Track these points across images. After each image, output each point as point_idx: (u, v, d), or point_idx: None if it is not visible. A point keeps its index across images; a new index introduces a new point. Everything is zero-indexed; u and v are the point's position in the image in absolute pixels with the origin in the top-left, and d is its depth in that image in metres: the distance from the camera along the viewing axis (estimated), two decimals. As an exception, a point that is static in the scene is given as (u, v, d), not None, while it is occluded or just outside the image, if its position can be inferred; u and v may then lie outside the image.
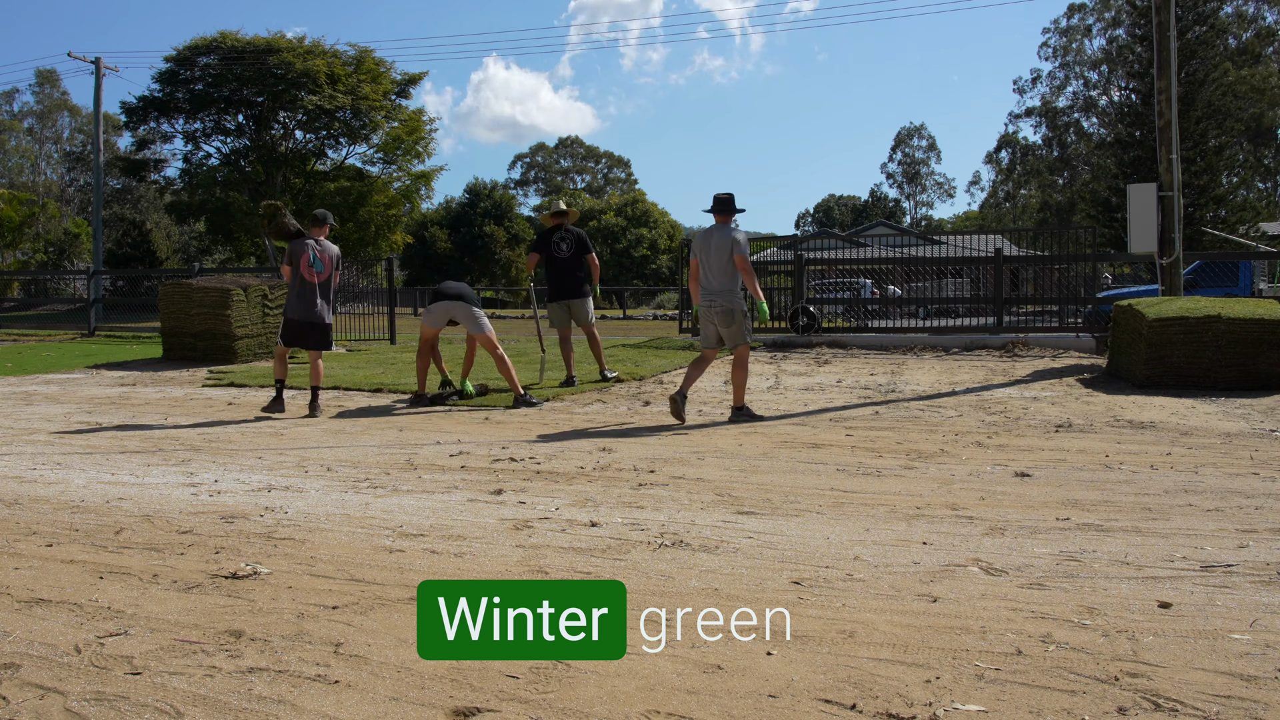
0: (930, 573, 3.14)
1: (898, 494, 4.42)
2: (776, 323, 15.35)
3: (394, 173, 36.82)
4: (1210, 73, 30.71)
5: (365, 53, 34.56)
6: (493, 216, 65.41)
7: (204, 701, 2.20)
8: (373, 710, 2.15)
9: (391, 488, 4.69)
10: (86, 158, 55.81)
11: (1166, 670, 2.30)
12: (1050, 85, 56.19)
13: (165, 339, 12.88)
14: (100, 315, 20.22)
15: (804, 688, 2.23)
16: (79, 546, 3.61)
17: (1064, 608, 2.76)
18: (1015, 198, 62.62)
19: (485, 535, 3.72)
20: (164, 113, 34.26)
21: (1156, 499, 4.22)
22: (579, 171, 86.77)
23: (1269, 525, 3.70)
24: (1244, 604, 2.77)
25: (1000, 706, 2.11)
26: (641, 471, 5.02)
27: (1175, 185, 10.10)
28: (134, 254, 45.58)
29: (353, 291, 18.19)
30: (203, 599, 2.96)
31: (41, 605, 2.92)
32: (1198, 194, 30.42)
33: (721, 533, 3.70)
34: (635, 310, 42.61)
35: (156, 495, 4.55)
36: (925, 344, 12.75)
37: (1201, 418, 6.80)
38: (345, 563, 3.35)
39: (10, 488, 4.76)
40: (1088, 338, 12.00)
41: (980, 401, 7.81)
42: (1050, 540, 3.53)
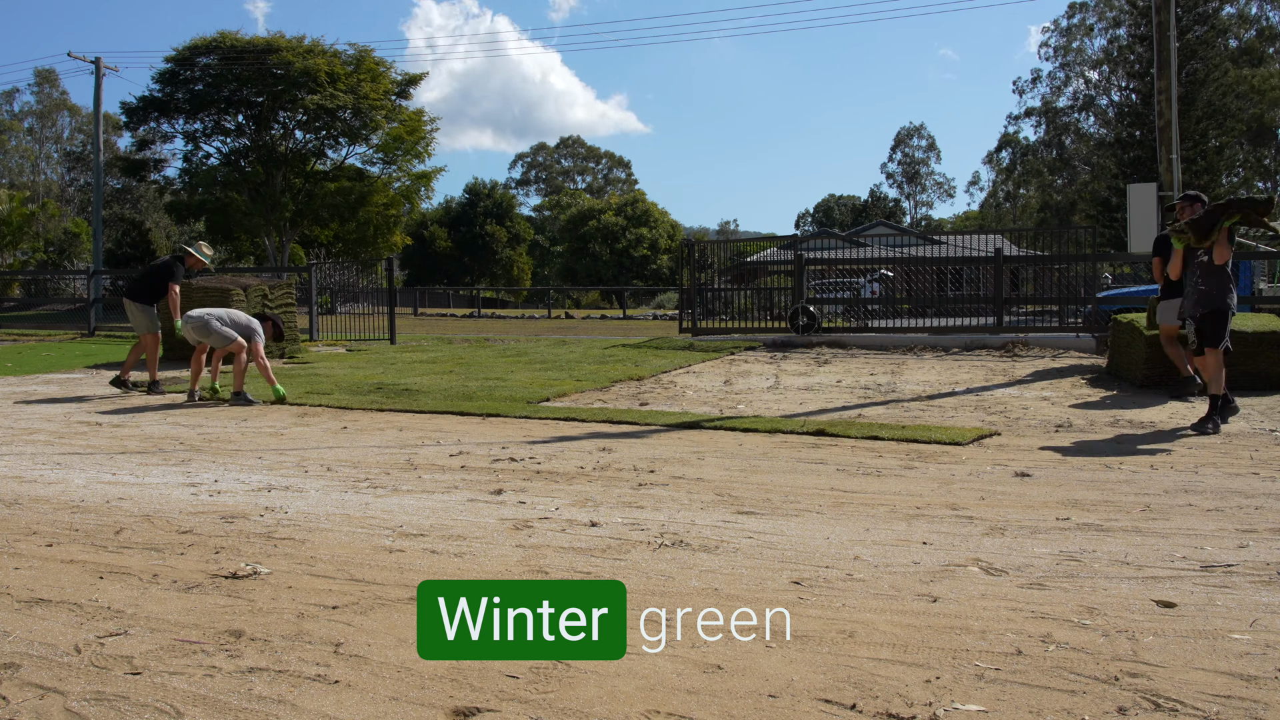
0: (930, 573, 3.14)
1: (898, 494, 4.41)
2: (776, 322, 15.35)
3: (394, 173, 36.81)
4: (1211, 73, 30.71)
5: (365, 52, 34.56)
6: (493, 216, 65.42)
7: (204, 701, 2.20)
8: (373, 710, 2.15)
9: (391, 488, 4.69)
10: (86, 158, 55.81)
11: (1166, 670, 2.30)
12: (1050, 85, 56.20)
13: (165, 338, 12.86)
14: (100, 315, 20.20)
15: (804, 688, 2.23)
16: (79, 546, 3.61)
17: (1064, 608, 2.76)
18: (1015, 198, 62.63)
19: (485, 535, 3.72)
20: (164, 113, 34.23)
21: (1156, 499, 4.22)
22: (579, 171, 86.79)
23: (1269, 525, 3.70)
24: (1244, 604, 2.77)
25: (1000, 706, 2.11)
26: (641, 471, 5.02)
27: (1175, 185, 10.11)
28: (134, 254, 45.61)
29: (352, 291, 18.20)
30: (203, 599, 2.96)
31: (41, 605, 2.91)
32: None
33: (721, 533, 3.70)
34: (635, 310, 42.62)
35: (156, 495, 4.55)
36: (925, 344, 12.75)
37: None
38: (345, 563, 3.35)
39: (10, 488, 4.76)
40: (1088, 338, 12.00)
41: (980, 401, 7.81)
42: (1050, 540, 3.53)
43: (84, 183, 56.44)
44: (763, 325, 15.46)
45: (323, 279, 18.24)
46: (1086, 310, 13.36)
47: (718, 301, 17.14)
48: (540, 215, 77.98)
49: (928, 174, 77.00)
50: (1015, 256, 18.06)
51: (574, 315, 37.95)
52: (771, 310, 15.95)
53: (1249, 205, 6.05)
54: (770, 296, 16.44)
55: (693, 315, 15.48)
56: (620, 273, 58.81)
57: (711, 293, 17.17)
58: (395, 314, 16.60)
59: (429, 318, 33.82)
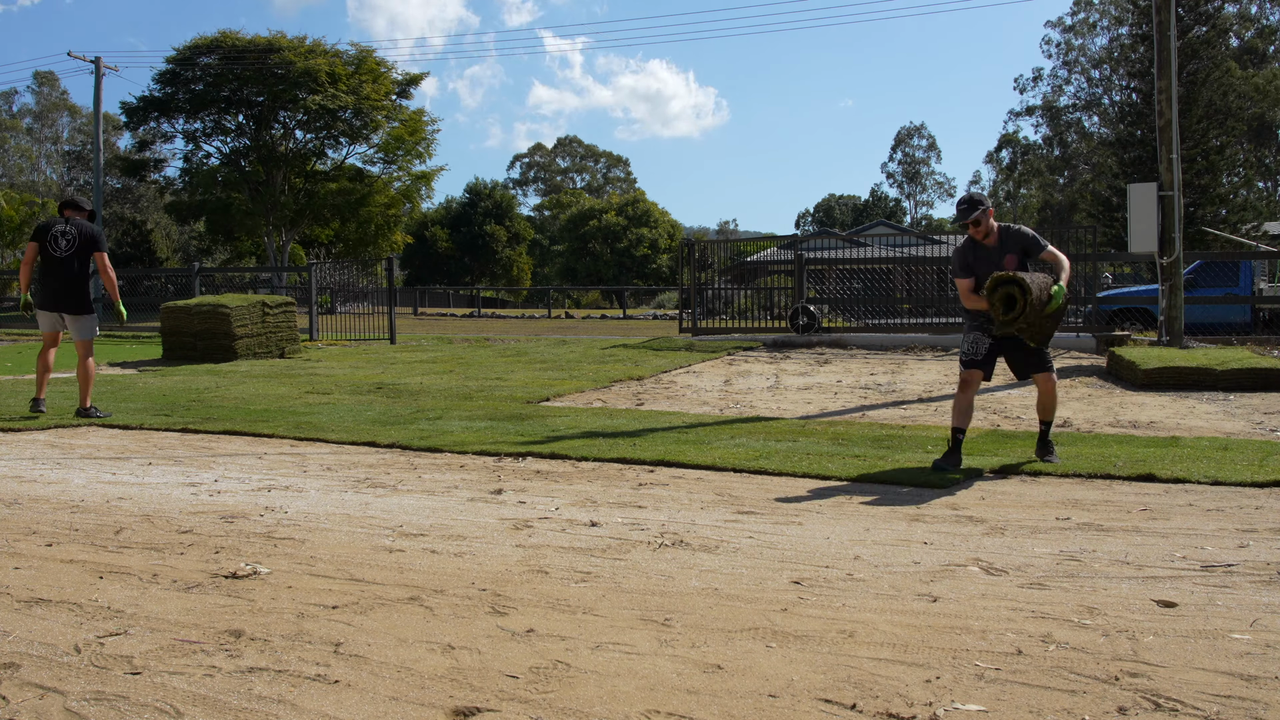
0: (930, 572, 3.13)
1: (898, 493, 4.41)
2: (777, 322, 15.35)
3: (394, 173, 36.83)
4: (1212, 72, 30.69)
5: (366, 52, 34.58)
6: (493, 216, 65.40)
7: (204, 701, 2.20)
8: (373, 710, 2.15)
9: (391, 487, 4.68)
10: (86, 157, 55.81)
11: (1167, 670, 2.29)
12: (1052, 84, 56.20)
13: (165, 338, 12.91)
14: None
15: (804, 687, 2.23)
16: (79, 546, 3.61)
17: (1064, 607, 2.76)
18: (1016, 197, 62.61)
19: (485, 535, 3.72)
20: (164, 113, 34.26)
21: (1156, 499, 4.22)
22: (578, 171, 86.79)
23: (1269, 525, 3.70)
24: (1244, 604, 2.76)
25: (1000, 706, 2.11)
26: (641, 471, 5.01)
27: (1175, 185, 10.10)
28: (134, 253, 45.64)
29: (353, 291, 18.21)
30: (203, 599, 2.96)
31: (41, 605, 2.91)
32: (1199, 194, 30.40)
33: (721, 532, 3.70)
34: (635, 310, 42.62)
35: (156, 495, 4.55)
36: (925, 344, 12.75)
37: (1202, 417, 6.80)
38: (345, 562, 3.35)
39: (10, 487, 4.76)
40: (1088, 337, 11.99)
41: (980, 401, 7.81)
42: (1050, 540, 3.52)
43: (84, 182, 56.41)
44: (763, 325, 15.46)
45: (323, 279, 18.24)
46: (1087, 310, 13.36)
47: (718, 301, 17.15)
48: (540, 215, 78.03)
49: (928, 174, 77.03)
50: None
51: (574, 315, 37.96)
52: (771, 310, 15.95)
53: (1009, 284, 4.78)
54: (770, 296, 16.45)
55: (693, 315, 15.48)
56: (620, 272, 58.80)
57: (712, 292, 17.17)
58: (395, 314, 16.61)
59: (429, 317, 33.82)
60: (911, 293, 16.16)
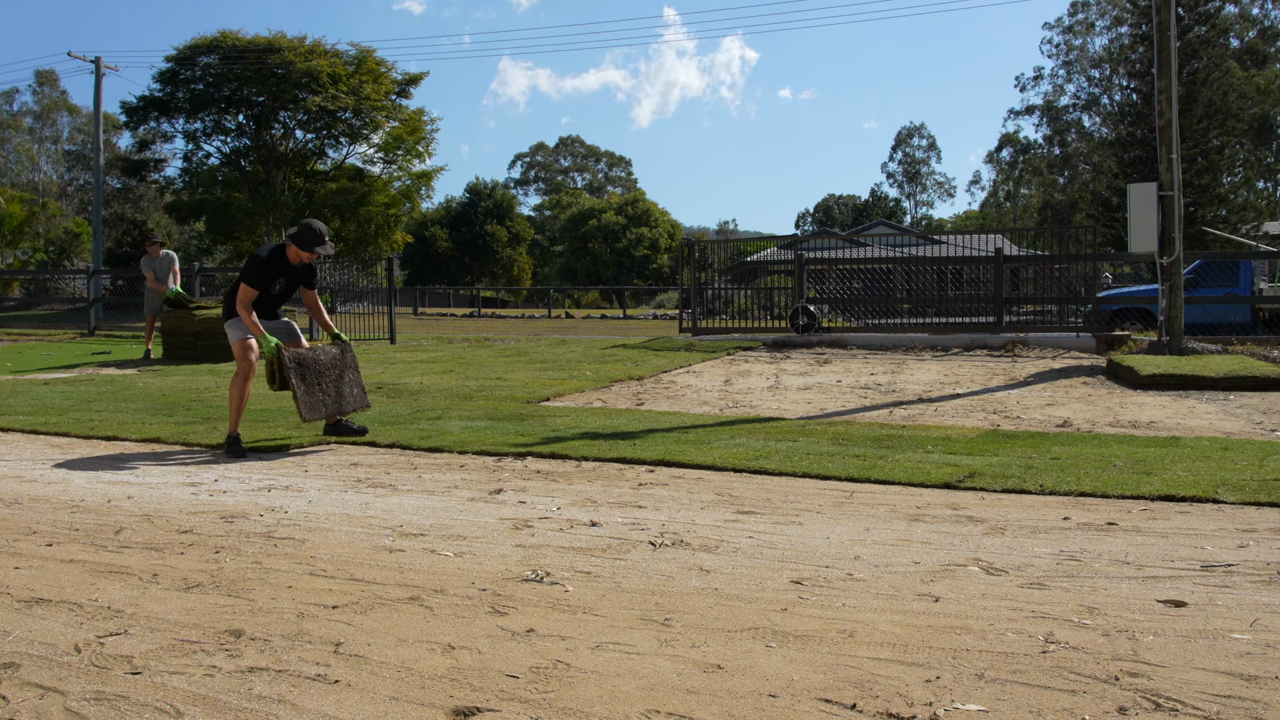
0: (930, 572, 3.13)
1: (898, 493, 4.41)
2: (777, 322, 15.35)
3: (394, 172, 36.82)
4: (1212, 72, 30.70)
5: (366, 52, 34.56)
6: (494, 216, 65.40)
7: (204, 701, 2.20)
8: (373, 710, 2.15)
9: (391, 487, 4.68)
10: (86, 157, 55.79)
11: (1167, 670, 2.29)
12: (1052, 83, 56.20)
13: (165, 338, 12.91)
14: (100, 315, 20.22)
15: (804, 687, 2.23)
16: (79, 546, 3.61)
17: (1064, 607, 2.76)
18: (1016, 197, 62.62)
19: (485, 535, 3.72)
20: (164, 112, 34.23)
21: (1156, 498, 4.21)
22: (579, 170, 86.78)
23: (1269, 525, 3.70)
24: (1244, 604, 2.76)
25: (1000, 706, 2.11)
26: (641, 470, 5.01)
27: (1175, 185, 10.10)
28: (134, 253, 45.53)
29: (353, 291, 18.20)
30: (203, 599, 2.96)
31: (41, 605, 2.91)
32: (1199, 194, 30.40)
33: (721, 532, 3.70)
34: (635, 310, 42.62)
35: (156, 495, 4.55)
36: (925, 344, 12.74)
37: (1202, 417, 6.80)
38: (345, 562, 3.35)
39: (10, 487, 4.76)
40: (1088, 337, 11.99)
41: (982, 402, 7.81)
42: (1050, 540, 3.52)
43: (84, 182, 56.43)
44: (763, 325, 15.46)
45: (322, 278, 18.23)
46: (1087, 310, 13.36)
47: (718, 301, 17.15)
48: (540, 215, 78.02)
49: (928, 173, 77.03)
50: (1016, 256, 18.06)
51: (574, 315, 37.95)
52: (771, 310, 15.95)
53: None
54: (770, 296, 16.45)
55: (693, 315, 15.47)
56: (620, 272, 58.81)
57: (712, 292, 17.16)
58: (395, 313, 16.61)
59: (429, 317, 33.82)
60: (911, 293, 16.16)
